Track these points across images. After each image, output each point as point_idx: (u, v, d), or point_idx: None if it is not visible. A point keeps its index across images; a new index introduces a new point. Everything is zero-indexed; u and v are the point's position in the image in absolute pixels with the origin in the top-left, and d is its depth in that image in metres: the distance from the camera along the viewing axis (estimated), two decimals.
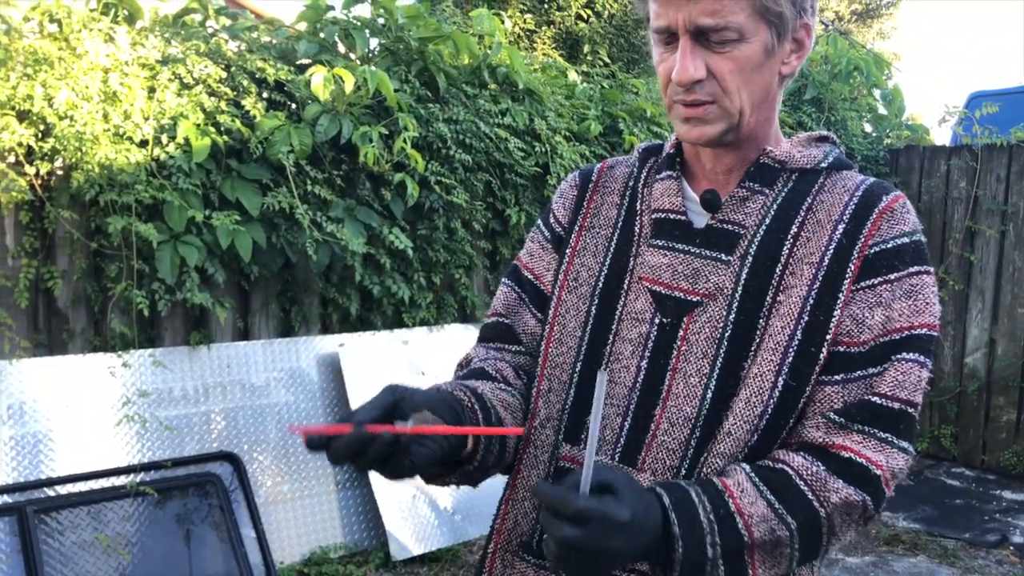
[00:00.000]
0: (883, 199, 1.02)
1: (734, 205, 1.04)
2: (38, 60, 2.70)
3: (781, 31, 0.98)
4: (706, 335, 1.02)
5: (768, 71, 1.00)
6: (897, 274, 0.99)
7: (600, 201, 1.16)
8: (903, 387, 0.96)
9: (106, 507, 2.93)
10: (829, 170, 1.06)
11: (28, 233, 2.87)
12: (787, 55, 1.02)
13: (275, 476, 3.34)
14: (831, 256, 1.00)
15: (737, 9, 0.95)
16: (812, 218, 1.02)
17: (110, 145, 2.77)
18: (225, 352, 3.29)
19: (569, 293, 1.13)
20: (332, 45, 3.51)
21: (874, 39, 19.86)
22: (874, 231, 1.00)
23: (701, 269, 1.04)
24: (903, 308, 0.98)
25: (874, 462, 0.95)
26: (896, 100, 5.95)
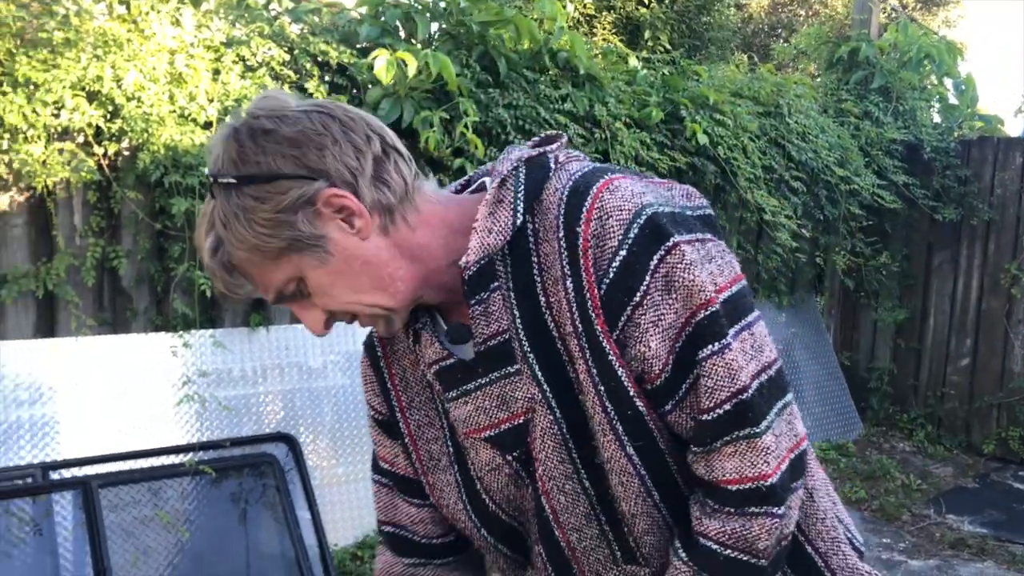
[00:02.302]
0: (579, 226, 0.90)
1: (480, 321, 0.95)
2: (107, 42, 2.73)
3: (309, 244, 0.89)
4: (552, 446, 0.97)
5: (349, 263, 0.90)
6: (641, 289, 0.89)
7: (400, 370, 1.07)
8: (719, 388, 0.90)
9: (166, 484, 2.98)
10: (530, 210, 0.94)
11: (95, 213, 2.91)
12: (348, 229, 0.90)
13: (330, 458, 3.36)
14: (578, 318, 0.91)
15: (272, 270, 0.90)
16: (549, 277, 0.93)
17: (175, 126, 2.79)
18: (283, 334, 3.31)
19: (433, 474, 1.08)
20: (394, 29, 3.49)
21: (939, 27, 19.26)
22: (589, 270, 0.90)
23: (504, 393, 0.97)
24: (669, 310, 0.89)
25: (757, 476, 0.90)
26: (969, 89, 5.74)
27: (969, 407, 5.22)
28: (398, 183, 0.92)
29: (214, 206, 0.90)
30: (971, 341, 5.24)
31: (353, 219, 0.89)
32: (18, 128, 2.57)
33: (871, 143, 5.16)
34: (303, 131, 0.87)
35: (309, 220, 0.88)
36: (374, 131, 0.92)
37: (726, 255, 0.95)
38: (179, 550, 2.93)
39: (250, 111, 0.90)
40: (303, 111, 0.89)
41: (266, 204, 0.86)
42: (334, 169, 0.88)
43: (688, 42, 8.17)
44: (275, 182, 0.86)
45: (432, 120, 3.24)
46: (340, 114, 0.90)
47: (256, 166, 0.87)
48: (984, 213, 5.13)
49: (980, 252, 5.21)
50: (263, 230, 0.87)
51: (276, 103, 0.90)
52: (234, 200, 0.87)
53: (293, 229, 0.87)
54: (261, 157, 0.87)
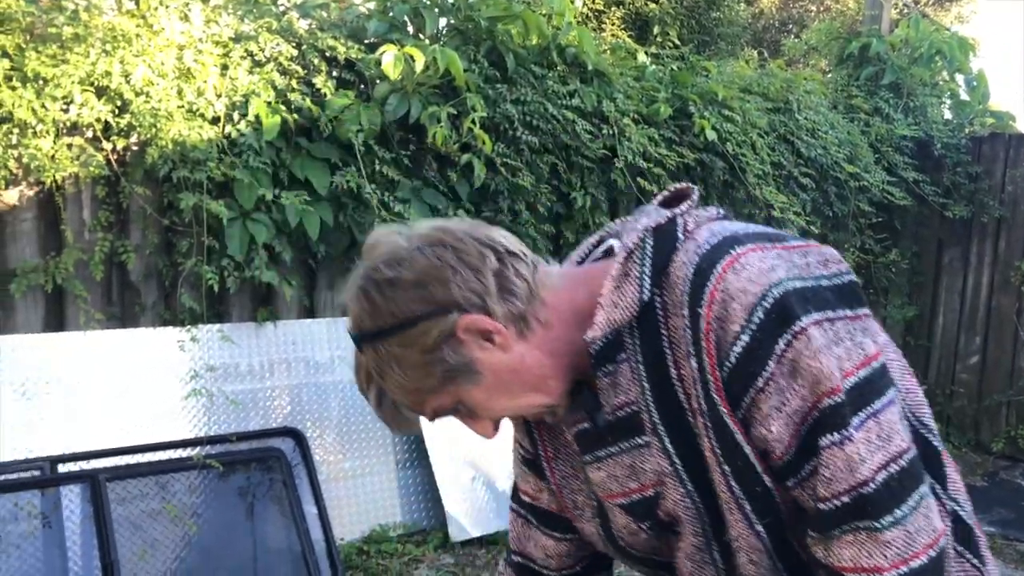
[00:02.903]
0: (701, 304, 0.89)
1: (608, 392, 0.96)
2: (116, 37, 2.74)
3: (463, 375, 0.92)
4: (683, 518, 0.98)
5: (500, 378, 0.94)
6: (764, 375, 0.87)
7: (547, 425, 1.09)
8: (837, 479, 0.87)
9: (173, 478, 2.99)
10: (657, 283, 0.93)
11: (104, 207, 2.92)
12: (490, 350, 0.92)
13: (337, 453, 3.37)
14: (702, 398, 0.91)
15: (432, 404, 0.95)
16: (679, 352, 0.93)
17: (183, 122, 2.80)
18: (291, 329, 3.32)
19: (580, 521, 1.10)
20: (402, 24, 3.49)
21: (952, 23, 19.12)
22: (711, 354, 0.89)
23: (634, 463, 0.98)
24: (795, 395, 0.87)
25: (875, 568, 0.87)
26: (980, 86, 5.70)
27: (978, 405, 5.19)
28: (522, 288, 0.93)
29: (366, 361, 0.94)
30: (980, 339, 5.21)
31: (492, 337, 0.92)
32: (27, 123, 2.59)
33: (881, 139, 5.14)
34: (423, 271, 0.90)
35: (454, 350, 0.91)
36: (485, 244, 0.93)
37: (858, 334, 0.91)
38: (186, 543, 2.95)
39: (368, 264, 0.93)
40: (416, 248, 0.91)
41: (412, 349, 0.91)
42: (462, 297, 0.90)
43: (697, 37, 8.14)
44: (414, 326, 0.90)
45: (440, 116, 3.24)
46: (450, 240, 0.92)
47: (392, 317, 0.90)
48: (995, 210, 5.10)
49: (990, 249, 5.18)
50: (417, 372, 0.91)
51: (388, 248, 0.92)
52: (382, 352, 0.92)
53: (443, 364, 0.91)
54: (393, 307, 0.90)
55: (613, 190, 4.07)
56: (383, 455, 3.47)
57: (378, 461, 3.46)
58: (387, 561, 3.21)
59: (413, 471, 3.52)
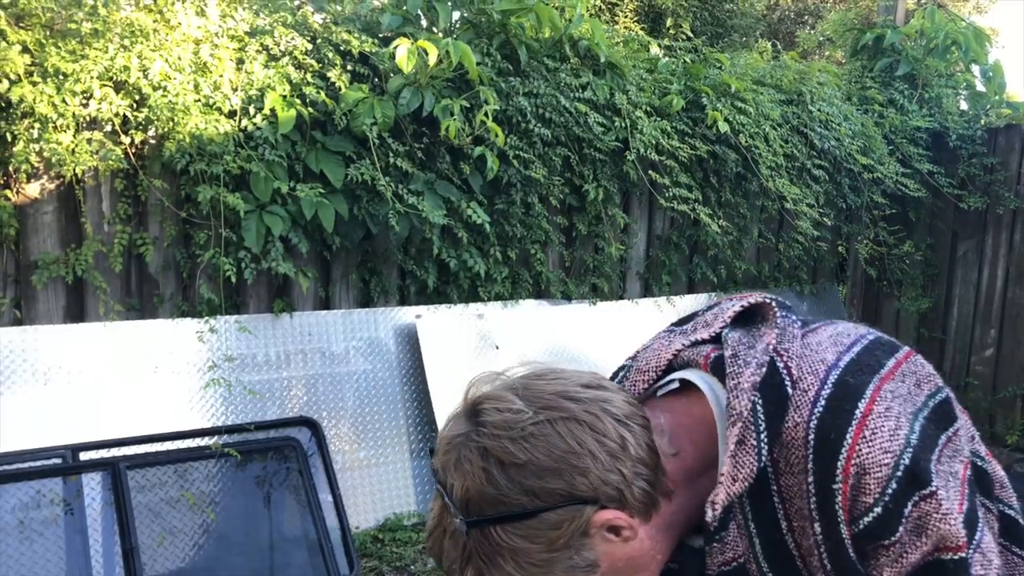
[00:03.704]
0: (836, 474, 0.86)
1: (715, 553, 0.93)
2: (134, 32, 2.77)
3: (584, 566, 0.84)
4: None
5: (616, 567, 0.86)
6: (892, 537, 0.86)
7: None
8: None
9: (192, 466, 3.04)
10: (771, 442, 0.89)
11: (123, 200, 2.97)
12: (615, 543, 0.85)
13: (352, 443, 3.41)
14: (827, 558, 0.89)
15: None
16: (792, 507, 0.90)
17: (200, 115, 2.84)
18: (307, 320, 3.36)
19: None
20: (415, 17, 3.51)
21: (970, 13, 18.91)
22: (847, 514, 0.86)
23: None
24: (915, 547, 0.86)
25: None
26: (996, 76, 5.65)
27: (993, 398, 5.17)
28: (651, 465, 0.86)
29: (467, 542, 0.82)
30: (995, 331, 5.19)
31: (622, 531, 0.84)
32: (48, 117, 2.63)
33: (895, 131, 5.12)
34: (559, 455, 0.80)
35: (581, 547, 0.82)
36: (617, 418, 0.85)
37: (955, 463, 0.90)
38: (204, 530, 3.00)
39: (484, 432, 0.82)
40: (544, 421, 0.81)
41: (537, 543, 0.81)
42: (601, 491, 0.81)
43: (711, 29, 8.12)
44: (544, 519, 0.80)
45: (452, 108, 3.26)
46: (583, 415, 0.83)
47: (518, 505, 0.80)
48: (1010, 201, 5.07)
49: (1006, 241, 5.15)
50: (536, 569, 0.81)
51: (506, 414, 0.82)
52: (495, 539, 0.81)
53: (567, 561, 0.82)
54: (521, 496, 0.80)
55: (625, 182, 4.09)
56: (397, 444, 3.51)
57: (392, 450, 3.50)
58: (401, 549, 3.26)
59: (427, 460, 3.56)
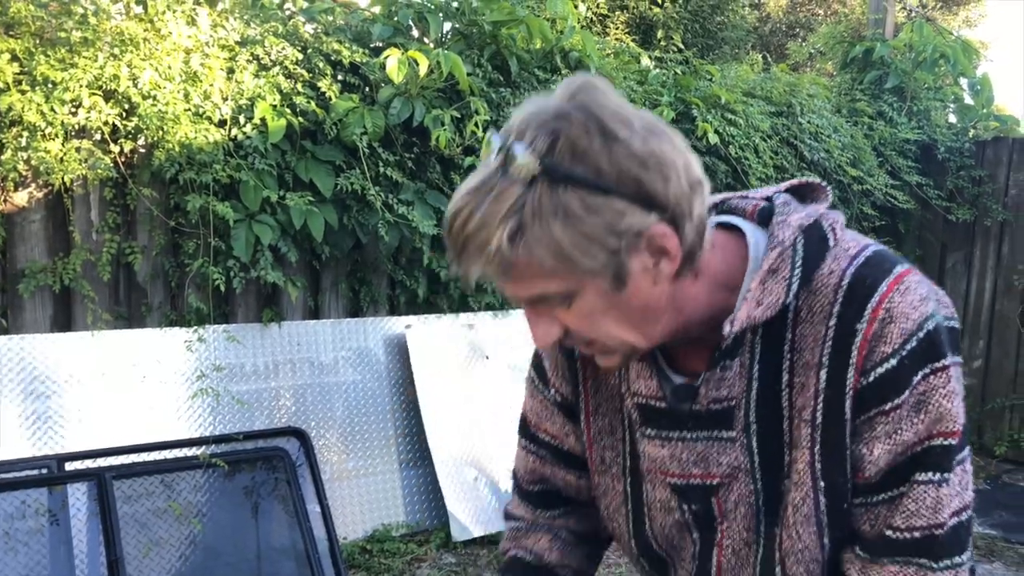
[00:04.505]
0: (865, 313, 0.85)
1: (712, 384, 0.91)
2: (124, 41, 2.78)
3: (615, 271, 0.80)
4: (742, 511, 0.95)
5: (632, 298, 0.82)
6: (891, 403, 0.85)
7: (593, 376, 1.03)
8: (919, 514, 0.87)
9: (179, 477, 3.02)
10: (802, 285, 0.88)
11: (111, 209, 2.96)
12: (651, 269, 0.81)
13: (340, 453, 3.40)
14: (822, 411, 0.88)
15: (546, 280, 0.80)
16: (799, 359, 0.89)
17: (190, 125, 2.84)
18: (296, 330, 3.35)
19: (602, 476, 1.06)
20: (406, 28, 3.52)
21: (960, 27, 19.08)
22: (860, 362, 0.85)
23: (707, 452, 0.94)
24: (910, 425, 0.85)
25: None
26: (984, 90, 5.70)
27: (981, 409, 5.19)
28: (703, 222, 0.84)
29: (524, 195, 0.75)
30: (984, 343, 5.21)
31: (662, 263, 0.81)
32: (36, 126, 2.62)
33: (884, 143, 5.15)
34: (653, 152, 0.77)
35: (626, 251, 0.78)
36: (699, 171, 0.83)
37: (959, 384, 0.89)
38: (191, 542, 2.98)
39: (592, 102, 0.78)
40: (645, 128, 0.79)
41: (596, 219, 0.76)
42: (673, 204, 0.79)
43: (702, 41, 8.16)
44: (615, 199, 0.76)
45: (443, 119, 3.27)
46: (680, 145, 0.82)
47: (597, 174, 0.75)
48: (998, 214, 5.10)
49: (994, 253, 5.18)
50: (582, 242, 0.76)
51: (616, 102, 0.79)
52: (558, 197, 0.75)
53: (609, 255, 0.78)
54: (606, 165, 0.75)
55: None
56: (386, 455, 3.50)
57: (381, 461, 3.49)
58: (390, 560, 3.24)
59: (416, 471, 3.55)
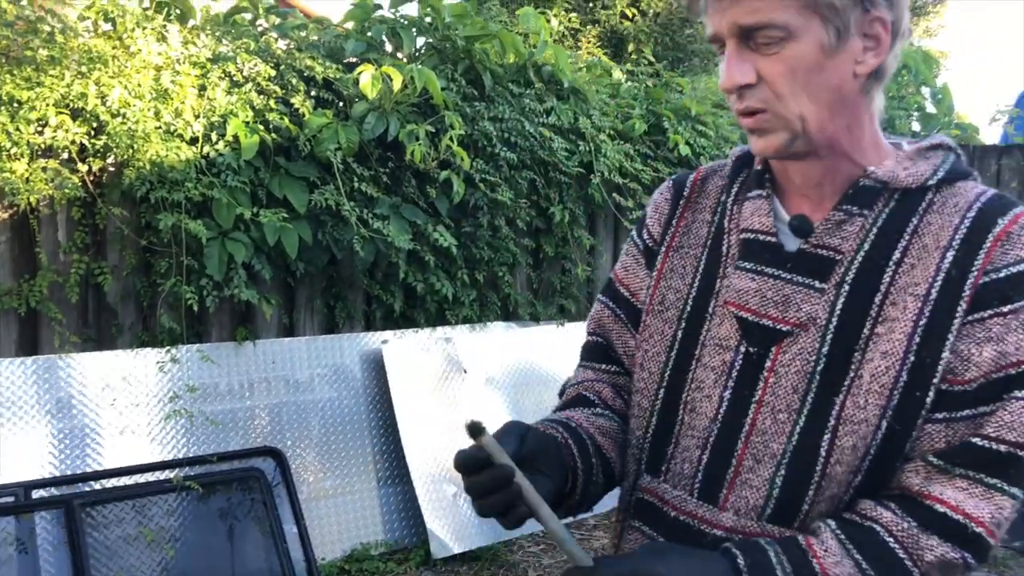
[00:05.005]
0: (999, 221, 0.91)
1: (829, 229, 0.95)
2: (92, 59, 2.72)
3: (840, 26, 0.87)
4: (796, 368, 0.94)
5: (833, 72, 0.89)
6: (1011, 306, 0.88)
7: (691, 218, 1.09)
8: (1012, 428, 0.87)
9: (151, 501, 2.96)
10: (940, 185, 0.95)
11: (80, 229, 2.90)
12: (859, 53, 0.89)
13: (317, 472, 3.35)
14: (939, 288, 0.90)
15: (779, 5, 0.86)
16: (918, 243, 0.93)
17: (161, 143, 2.79)
18: (270, 348, 3.30)
19: (654, 317, 1.06)
20: (379, 44, 3.51)
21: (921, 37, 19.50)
22: (988, 259, 0.89)
23: (792, 296, 0.96)
24: (1018, 342, 0.88)
25: (974, 518, 0.87)
26: (945, 99, 5.82)
27: None
28: (897, 55, 0.93)
29: None
30: None
31: (869, 55, 0.90)
32: (1, 146, 2.56)
33: None
34: None
35: (853, 12, 0.87)
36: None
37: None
38: (164, 568, 2.91)
39: None
40: None
41: None
42: (898, 11, 0.90)
43: (672, 54, 8.24)
44: None
45: (418, 133, 3.25)
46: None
47: None
48: None
49: None
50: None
51: None
52: None
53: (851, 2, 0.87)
54: None
55: (591, 204, 4.11)
56: (364, 473, 3.46)
57: (359, 479, 3.45)
58: None
59: (394, 488, 3.51)
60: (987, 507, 0.88)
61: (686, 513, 0.99)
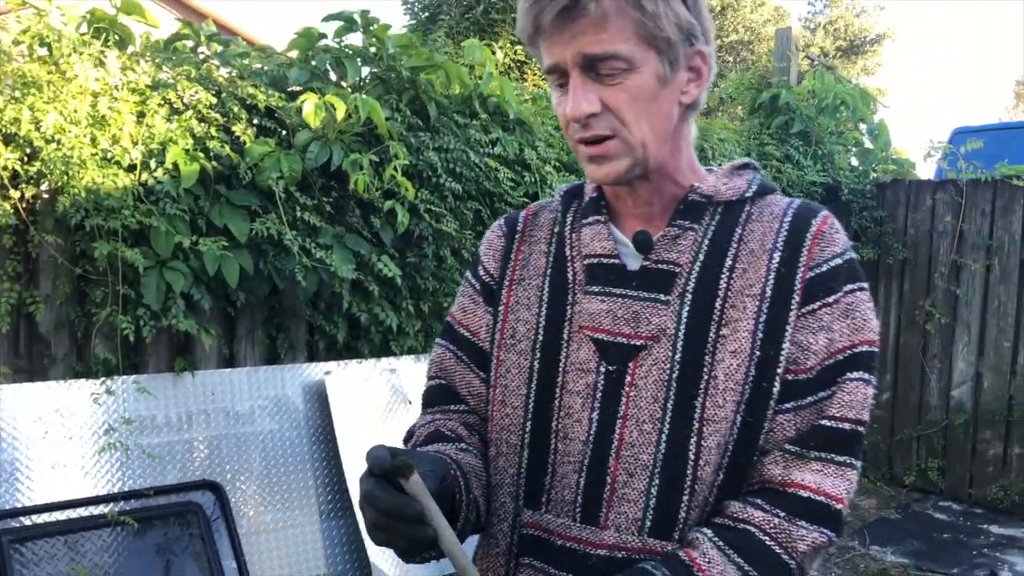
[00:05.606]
0: (813, 223, 1.02)
1: (666, 244, 1.03)
2: (26, 83, 2.68)
3: (672, 58, 0.97)
4: (654, 378, 1.00)
5: (666, 101, 0.99)
6: (835, 296, 0.99)
7: (528, 251, 1.14)
8: (851, 407, 0.97)
9: (84, 537, 2.87)
10: (754, 197, 1.06)
11: (11, 257, 2.83)
12: (684, 84, 1.00)
13: (258, 506, 3.29)
14: (772, 287, 0.99)
15: (622, 38, 0.93)
16: (745, 249, 1.02)
17: (97, 169, 2.75)
18: (209, 379, 3.24)
19: (507, 352, 1.09)
20: (324, 73, 3.51)
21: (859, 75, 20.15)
22: (810, 256, 1.00)
23: (641, 312, 1.02)
24: (843, 328, 0.98)
25: (834, 496, 0.95)
26: (882, 134, 6.01)
27: (891, 440, 5.38)
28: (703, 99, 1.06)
29: None
30: (891, 376, 5.42)
31: (691, 86, 1.01)
32: None
33: (792, 185, 5.36)
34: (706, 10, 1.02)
35: (682, 47, 0.98)
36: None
37: None
38: None
39: None
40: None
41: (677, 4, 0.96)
42: (710, 51, 1.02)
43: None
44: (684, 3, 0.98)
45: (362, 163, 3.26)
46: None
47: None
48: (899, 252, 5.35)
49: (896, 290, 5.42)
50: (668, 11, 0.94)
51: None
52: None
53: (678, 37, 0.96)
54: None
55: None
56: (306, 506, 3.40)
57: (301, 512, 3.39)
58: None
59: (337, 521, 3.46)
60: (842, 483, 0.96)
61: (571, 539, 1.02)
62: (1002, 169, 5.05)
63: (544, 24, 0.94)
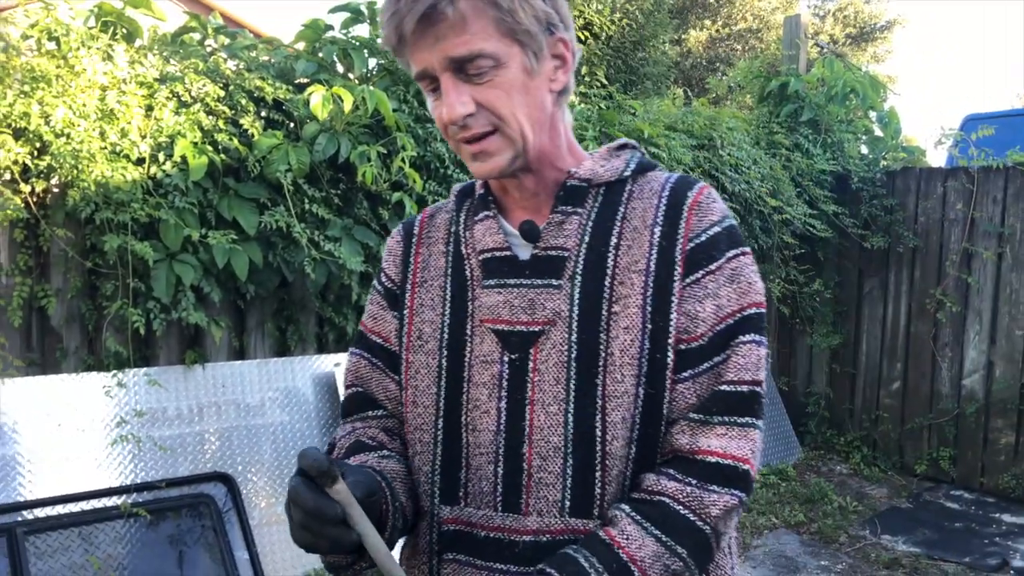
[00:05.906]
0: (689, 195, 1.05)
1: (552, 230, 1.06)
2: (35, 78, 2.69)
3: (536, 49, 1.00)
4: (554, 361, 1.02)
5: (537, 91, 1.02)
6: (717, 263, 1.02)
7: (427, 253, 1.16)
8: (746, 369, 1.00)
9: (98, 528, 2.89)
10: (635, 176, 1.10)
11: (23, 251, 2.85)
12: (552, 72, 1.03)
13: (269, 497, 3.31)
14: (655, 261, 1.02)
15: (484, 36, 0.96)
16: (628, 226, 1.05)
17: (106, 163, 2.76)
18: (220, 371, 3.26)
19: (415, 353, 1.12)
20: (331, 64, 3.51)
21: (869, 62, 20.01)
22: (689, 227, 1.03)
23: (536, 299, 1.04)
24: (729, 293, 1.01)
25: (740, 458, 0.98)
26: (892, 122, 5.96)
27: (901, 429, 5.36)
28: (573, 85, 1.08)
29: None
30: (901, 365, 5.40)
31: (559, 73, 1.04)
32: None
33: (802, 174, 5.33)
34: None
35: (544, 37, 1.00)
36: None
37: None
38: None
39: None
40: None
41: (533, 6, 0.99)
42: (571, 38, 1.05)
43: (624, 77, 8.35)
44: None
45: (369, 155, 3.26)
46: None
47: None
48: (909, 240, 5.32)
49: (907, 278, 5.39)
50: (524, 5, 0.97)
51: None
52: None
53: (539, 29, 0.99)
54: None
55: None
56: None
57: None
58: None
59: None
60: (746, 444, 0.99)
61: (495, 529, 1.04)
62: (1014, 156, 5.01)
63: (406, 33, 0.96)
